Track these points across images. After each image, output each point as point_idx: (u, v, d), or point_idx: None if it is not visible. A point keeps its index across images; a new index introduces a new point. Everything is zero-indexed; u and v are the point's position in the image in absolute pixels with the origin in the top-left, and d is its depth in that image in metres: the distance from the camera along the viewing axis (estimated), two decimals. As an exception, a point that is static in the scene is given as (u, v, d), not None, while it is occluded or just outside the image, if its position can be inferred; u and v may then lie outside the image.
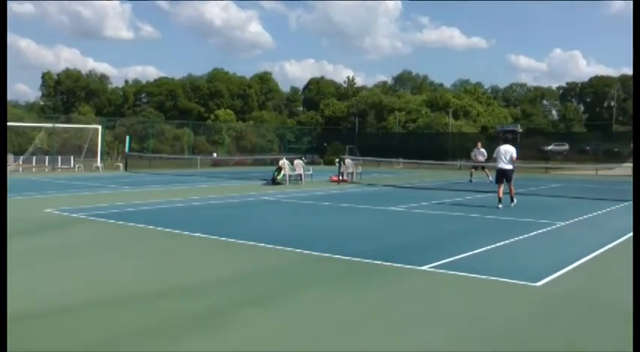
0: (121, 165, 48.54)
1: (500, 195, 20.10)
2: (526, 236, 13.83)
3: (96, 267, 10.08)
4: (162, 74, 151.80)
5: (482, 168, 35.54)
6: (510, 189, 20.34)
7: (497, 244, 12.51)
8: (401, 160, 52.21)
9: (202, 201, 21.43)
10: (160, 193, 24.92)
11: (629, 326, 7.02)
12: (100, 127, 50.39)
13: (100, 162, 47.23)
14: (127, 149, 48.90)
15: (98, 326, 6.81)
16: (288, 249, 11.67)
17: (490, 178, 34.76)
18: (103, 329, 6.71)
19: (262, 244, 12.15)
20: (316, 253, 11.28)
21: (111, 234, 13.76)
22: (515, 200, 20.21)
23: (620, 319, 7.31)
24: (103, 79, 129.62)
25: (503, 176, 20.38)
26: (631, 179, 42.12)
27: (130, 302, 7.86)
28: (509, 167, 20.34)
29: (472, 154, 35.81)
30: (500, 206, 19.70)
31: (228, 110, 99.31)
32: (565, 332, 6.83)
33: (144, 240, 12.94)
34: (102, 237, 13.26)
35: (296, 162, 33.66)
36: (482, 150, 35.41)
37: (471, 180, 35.09)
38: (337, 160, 36.01)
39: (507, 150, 20.39)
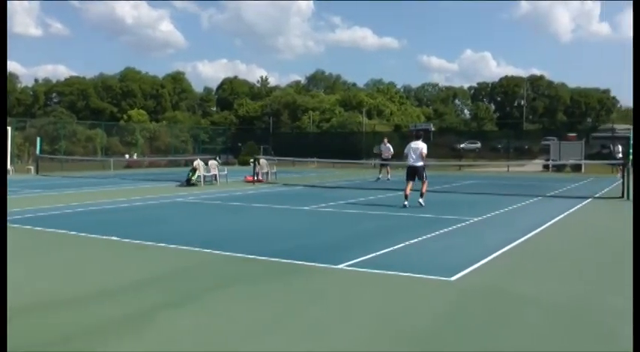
0: (32, 168, 47.26)
1: (408, 192, 19.89)
2: (441, 232, 14.04)
3: (9, 275, 9.76)
4: (74, 73, 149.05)
5: (386, 165, 36.08)
6: (423, 187, 20.12)
7: (413, 241, 12.64)
8: (315, 160, 52.39)
9: (116, 204, 21.05)
10: (73, 197, 24.36)
11: (542, 319, 7.20)
12: (9, 129, 49.02)
13: (10, 165, 45.89)
14: (37, 151, 47.59)
15: (17, 332, 6.62)
16: (204, 250, 11.56)
17: (389, 176, 35.30)
18: (22, 336, 6.52)
19: (178, 246, 11.99)
20: (232, 254, 11.19)
21: (24, 240, 13.26)
22: (423, 200, 19.70)
23: (533, 313, 7.47)
24: (12, 77, 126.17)
25: (413, 173, 20.18)
26: (541, 175, 43.14)
27: (48, 309, 7.63)
28: (420, 164, 20.08)
29: (376, 149, 36.37)
30: (406, 203, 19.48)
31: (141, 110, 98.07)
32: (479, 328, 6.93)
33: (59, 245, 12.61)
34: (14, 244, 12.83)
35: (210, 162, 33.41)
36: (389, 145, 35.91)
37: (379, 178, 35.48)
38: (252, 160, 35.88)
39: (417, 147, 20.07)
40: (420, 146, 20.11)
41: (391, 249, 11.72)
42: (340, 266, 10.11)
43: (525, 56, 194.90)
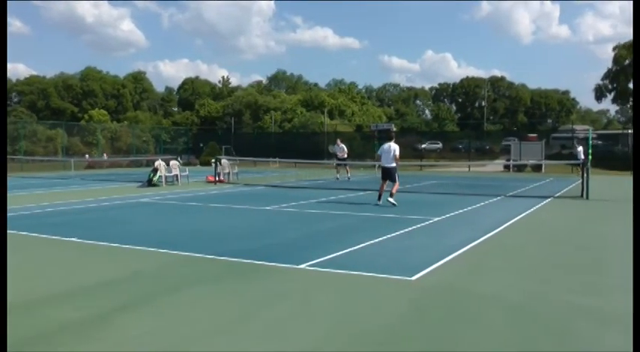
0: (-11, 168, 46.52)
1: (382, 191, 20.52)
2: (403, 231, 14.08)
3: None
4: (34, 72, 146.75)
5: (344, 165, 36.30)
6: (393, 188, 20.33)
7: (375, 240, 12.67)
8: (277, 160, 52.35)
9: (76, 205, 20.83)
10: (32, 198, 24.06)
11: (501, 317, 7.25)
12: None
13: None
14: (-4, 151, 46.91)
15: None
16: (163, 250, 11.49)
17: (349, 175, 35.54)
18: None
19: (138, 247, 11.90)
20: (192, 254, 11.13)
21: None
22: (393, 199, 20.01)
23: (492, 312, 7.52)
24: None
25: (387, 174, 20.54)
26: (502, 175, 43.48)
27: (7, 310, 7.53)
28: (392, 165, 20.35)
29: (331, 149, 36.56)
30: (379, 202, 20.10)
31: (102, 110, 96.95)
32: (439, 327, 6.94)
33: (18, 247, 12.44)
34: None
35: (172, 163, 33.19)
36: (342, 146, 36.13)
37: (337, 178, 35.67)
38: (213, 161, 35.77)
39: (390, 148, 20.33)
40: (393, 147, 20.36)
41: (353, 248, 11.72)
42: (302, 266, 10.09)
43: (486, 57, 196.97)
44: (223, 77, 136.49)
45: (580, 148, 43.95)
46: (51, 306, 7.81)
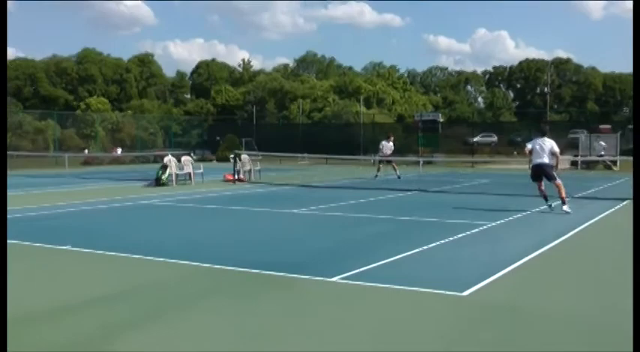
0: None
1: (543, 189, 20.21)
2: (451, 239, 14.06)
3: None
4: (20, 54, 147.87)
5: (389, 161, 36.28)
6: (560, 190, 19.85)
7: (418, 249, 12.67)
8: (306, 155, 52.42)
9: (72, 207, 21.01)
10: (21, 199, 24.23)
11: (573, 343, 7.20)
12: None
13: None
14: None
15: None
16: (177, 261, 11.55)
17: (398, 173, 35.47)
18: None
19: (148, 257, 11.95)
20: (209, 265, 11.18)
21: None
22: (566, 207, 19.51)
23: (561, 335, 7.47)
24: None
25: (540, 172, 20.18)
26: (568, 174, 43.27)
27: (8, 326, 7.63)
28: (547, 161, 20.04)
29: (380, 146, 36.54)
30: (550, 204, 20.00)
31: (101, 98, 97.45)
32: (492, 350, 6.93)
33: (10, 257, 12.57)
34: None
35: (184, 158, 33.34)
36: (390, 144, 36.19)
37: (376, 176, 35.64)
38: (232, 156, 35.84)
39: (545, 144, 20.18)
40: (550, 143, 20.22)
41: (393, 258, 11.74)
42: (334, 278, 10.11)
43: (549, 36, 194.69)
44: (244, 60, 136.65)
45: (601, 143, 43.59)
46: (52, 322, 7.92)
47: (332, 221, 17.90)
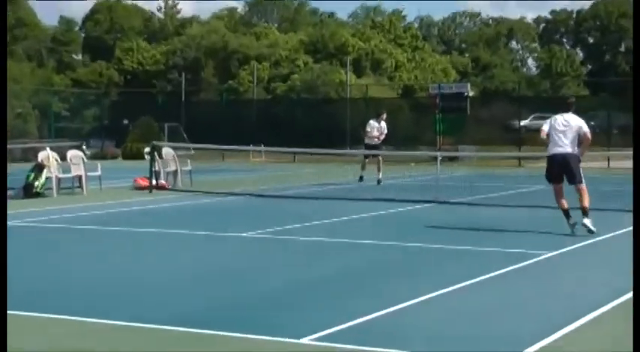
0: None
1: (565, 205, 19.94)
2: (486, 277, 14.01)
3: None
4: None
5: (375, 155, 36.01)
6: (583, 199, 19.88)
7: (434, 294, 12.55)
8: (263, 149, 52.24)
9: None
10: None
11: None
12: None
13: None
14: None
15: None
16: (54, 316, 11.40)
17: (380, 176, 35.33)
18: None
19: (14, 312, 11.79)
20: (105, 321, 11.02)
21: None
22: (589, 221, 19.50)
23: None
24: None
25: (562, 169, 20.04)
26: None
27: None
28: (571, 151, 19.73)
29: (368, 128, 36.13)
30: (573, 221, 19.64)
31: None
32: None
33: None
34: None
35: (71, 154, 33.09)
36: (383, 124, 35.88)
37: (361, 178, 35.39)
38: (148, 150, 35.76)
39: (570, 122, 19.79)
40: (578, 123, 19.75)
41: (396, 307, 11.62)
42: (302, 340, 9.96)
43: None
44: (166, 1, 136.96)
45: None
46: None
47: (303, 248, 17.99)
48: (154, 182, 32.79)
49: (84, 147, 37.23)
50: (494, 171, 43.84)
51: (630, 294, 12.64)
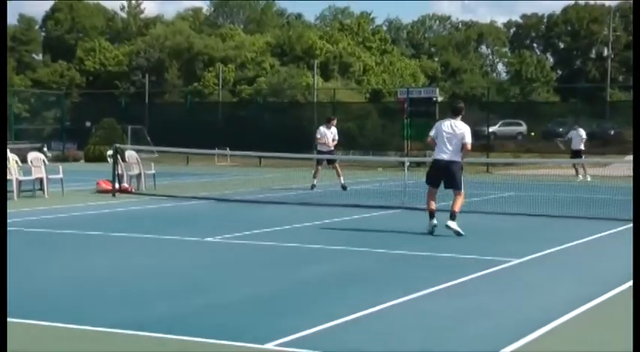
0: None
1: (433, 206, 20.67)
2: (454, 283, 14.17)
3: None
4: None
5: (330, 161, 36.00)
6: (456, 202, 20.63)
7: (403, 299, 12.74)
8: (229, 152, 52.25)
9: None
10: None
11: None
12: None
13: None
14: None
15: None
16: (20, 320, 11.41)
17: (342, 181, 35.33)
18: None
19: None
20: (73, 326, 11.11)
21: None
22: (455, 224, 20.27)
23: None
24: None
25: (442, 173, 20.73)
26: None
27: None
28: (457, 159, 20.63)
29: (318, 134, 36.14)
30: (432, 226, 20.48)
31: None
32: None
33: None
34: None
35: (32, 156, 33.03)
36: (334, 130, 35.93)
37: (313, 186, 35.25)
38: (111, 153, 35.76)
39: (455, 130, 20.68)
40: (461, 128, 20.80)
41: (364, 312, 11.79)
42: (267, 345, 10.10)
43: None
44: (130, 0, 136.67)
45: (578, 131, 44.83)
46: None
47: (264, 254, 18.07)
48: (117, 185, 32.83)
49: (45, 149, 37.25)
50: (467, 177, 43.96)
51: (596, 300, 12.88)
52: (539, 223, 24.20)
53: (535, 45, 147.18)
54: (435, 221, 20.46)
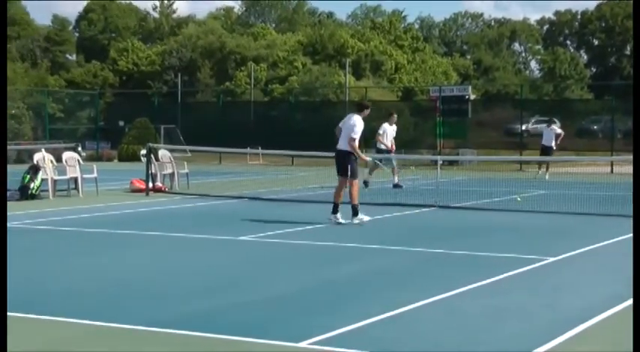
0: None
1: (339, 198, 22.12)
2: (486, 282, 14.11)
3: None
4: None
5: (387, 161, 35.75)
6: (352, 190, 21.97)
7: (437, 297, 12.69)
8: (260, 151, 52.18)
9: None
10: None
11: None
12: None
13: None
14: None
15: None
16: (67, 319, 11.51)
17: (397, 179, 35.08)
18: None
19: (10, 313, 11.86)
20: (105, 323, 11.16)
21: None
22: (358, 217, 21.50)
23: None
24: None
25: (336, 163, 22.69)
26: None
27: None
28: (342, 148, 22.30)
29: (381, 131, 35.76)
30: (332, 218, 21.68)
31: None
32: None
33: None
34: None
35: (67, 156, 33.01)
36: (394, 128, 35.71)
37: (366, 184, 34.93)
38: (144, 152, 35.72)
39: (345, 123, 22.33)
40: (350, 123, 22.12)
41: (397, 311, 11.75)
42: (302, 344, 10.09)
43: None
44: (162, 0, 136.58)
45: (553, 128, 44.70)
46: None
47: (298, 253, 18.07)
48: (150, 184, 32.83)
49: (79, 148, 37.08)
50: (496, 176, 43.80)
51: (630, 301, 12.78)
52: (573, 221, 24.07)
53: (568, 42, 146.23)
54: (338, 215, 21.92)
